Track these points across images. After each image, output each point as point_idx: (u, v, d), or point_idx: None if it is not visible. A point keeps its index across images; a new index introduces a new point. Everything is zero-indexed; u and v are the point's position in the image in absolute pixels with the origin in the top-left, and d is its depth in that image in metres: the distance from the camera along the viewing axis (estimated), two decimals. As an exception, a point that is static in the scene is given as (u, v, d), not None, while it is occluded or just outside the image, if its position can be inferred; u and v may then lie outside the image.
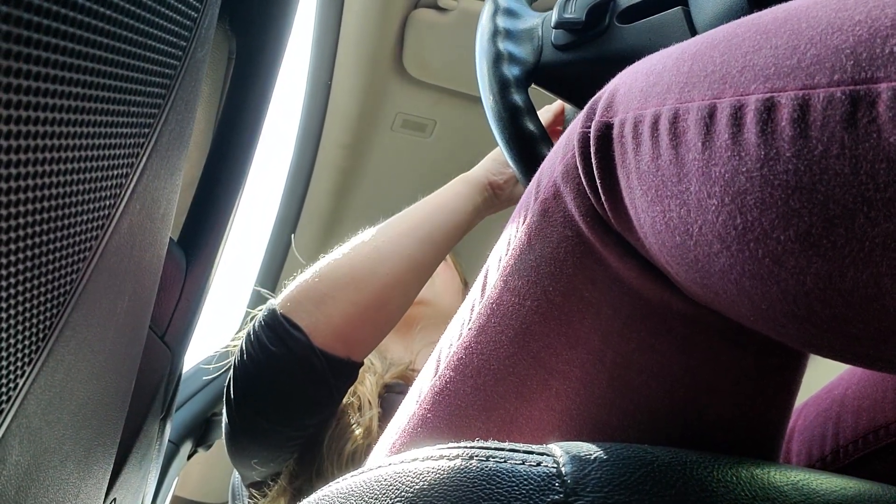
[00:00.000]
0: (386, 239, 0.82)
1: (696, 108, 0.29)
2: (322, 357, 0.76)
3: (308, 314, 0.77)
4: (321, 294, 0.78)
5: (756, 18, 0.30)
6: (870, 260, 0.24)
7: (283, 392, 0.78)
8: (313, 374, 0.76)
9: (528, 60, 0.62)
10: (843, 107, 0.24)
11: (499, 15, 0.65)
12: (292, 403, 0.78)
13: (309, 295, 0.78)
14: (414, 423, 0.46)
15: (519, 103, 0.62)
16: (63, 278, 0.30)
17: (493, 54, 0.63)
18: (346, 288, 0.78)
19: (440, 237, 0.84)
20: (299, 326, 0.76)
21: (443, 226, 0.85)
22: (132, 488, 0.69)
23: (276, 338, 0.77)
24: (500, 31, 0.64)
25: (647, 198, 0.32)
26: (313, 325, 0.76)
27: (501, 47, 0.63)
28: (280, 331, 0.77)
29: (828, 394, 0.64)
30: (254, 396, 0.78)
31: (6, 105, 0.22)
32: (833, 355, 0.30)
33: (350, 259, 0.80)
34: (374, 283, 0.78)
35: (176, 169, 0.45)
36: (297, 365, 0.76)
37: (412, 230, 0.83)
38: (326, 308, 0.77)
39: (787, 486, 0.30)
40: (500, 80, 0.62)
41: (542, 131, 0.63)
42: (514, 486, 0.29)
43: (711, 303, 0.33)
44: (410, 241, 0.82)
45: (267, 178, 1.60)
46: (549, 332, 0.39)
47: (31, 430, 0.31)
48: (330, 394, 0.79)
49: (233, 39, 0.79)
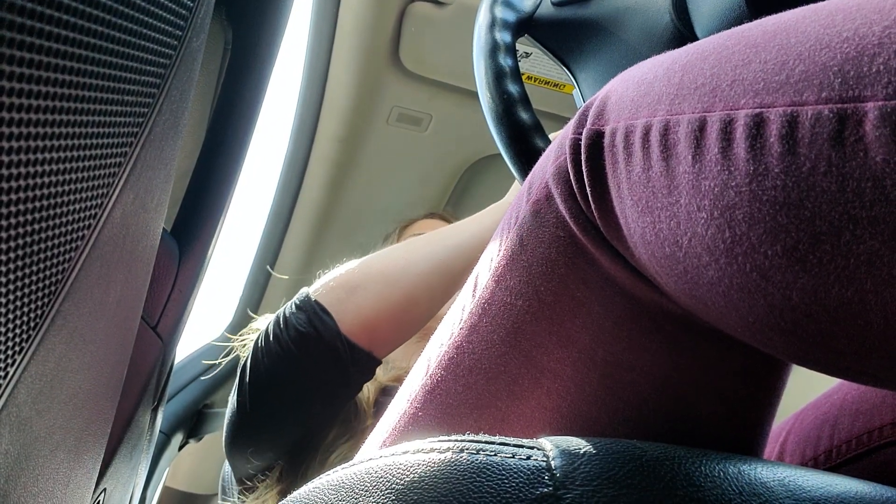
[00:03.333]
0: (420, 244, 0.88)
1: (686, 121, 0.29)
2: (346, 344, 0.80)
3: (339, 301, 0.82)
4: (354, 284, 0.83)
5: (746, 30, 0.30)
6: (855, 277, 0.24)
7: (305, 371, 0.81)
8: (336, 358, 0.80)
9: (525, 10, 0.63)
10: (831, 125, 0.24)
11: (497, 5, 0.65)
12: (310, 385, 0.82)
13: (342, 283, 0.83)
14: (405, 422, 0.46)
15: (512, 91, 0.62)
16: (54, 267, 0.30)
17: (489, 45, 0.63)
18: (377, 282, 0.83)
19: (471, 248, 0.88)
20: (329, 312, 0.81)
21: (473, 238, 0.89)
22: (122, 478, 0.69)
23: (306, 320, 0.81)
24: (498, 22, 0.64)
25: (637, 208, 0.32)
26: (343, 312, 0.81)
27: (497, 14, 0.64)
28: (311, 314, 0.82)
29: (826, 399, 0.64)
30: (275, 375, 0.82)
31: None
32: (819, 368, 0.30)
33: (385, 257, 0.86)
34: (404, 282, 0.83)
35: (170, 159, 0.44)
36: (323, 347, 0.80)
37: (444, 239, 0.88)
38: (357, 298, 0.82)
39: (773, 482, 0.30)
40: (501, 93, 0.62)
41: (534, 121, 0.63)
42: (503, 479, 0.30)
43: (700, 313, 0.33)
44: (442, 248, 0.87)
45: (262, 170, 1.60)
46: (541, 332, 0.39)
47: (21, 419, 0.31)
48: (347, 382, 0.83)
49: (229, 30, 0.79)
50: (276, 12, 0.81)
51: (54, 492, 0.40)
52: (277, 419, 0.84)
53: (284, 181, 1.58)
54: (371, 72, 1.36)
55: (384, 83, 1.40)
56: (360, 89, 1.40)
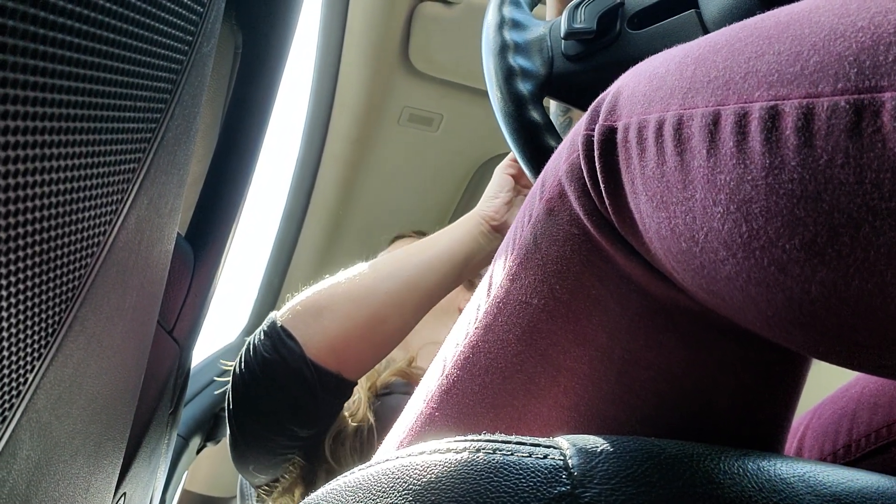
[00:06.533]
0: (387, 262, 0.87)
1: (700, 115, 0.29)
2: (313, 368, 0.80)
3: (305, 325, 0.81)
4: (319, 307, 0.82)
5: (759, 22, 0.29)
6: (875, 269, 0.24)
7: (274, 399, 0.82)
8: (303, 384, 0.80)
9: (540, 73, 0.62)
10: (848, 116, 0.23)
11: (505, 5, 0.65)
12: (282, 411, 0.82)
13: (307, 307, 0.83)
14: (421, 422, 0.46)
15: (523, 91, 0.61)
16: (71, 273, 0.31)
17: (498, 45, 0.62)
18: (343, 302, 0.82)
19: (439, 264, 0.87)
20: (294, 337, 0.81)
21: (442, 253, 0.88)
22: (142, 483, 0.70)
23: (271, 346, 0.81)
24: (507, 22, 0.63)
25: (651, 204, 0.32)
26: (308, 337, 0.81)
27: (506, 13, 0.63)
28: (276, 340, 0.81)
29: (844, 392, 0.63)
30: (249, 402, 0.83)
31: (13, 101, 0.22)
32: (839, 362, 0.30)
33: (351, 278, 0.85)
34: (370, 301, 0.82)
35: (183, 164, 0.45)
36: (289, 373, 0.80)
37: (413, 256, 0.87)
38: (323, 321, 0.81)
39: (793, 478, 0.30)
40: (512, 92, 0.61)
41: (546, 120, 0.62)
42: (521, 478, 0.30)
43: (718, 308, 0.33)
44: (410, 265, 0.86)
45: (274, 172, 1.60)
46: (557, 330, 0.39)
47: (41, 424, 0.32)
48: (317, 406, 0.82)
49: (239, 34, 0.79)
50: (285, 15, 0.81)
51: (75, 496, 0.40)
52: (262, 442, 0.85)
53: (297, 183, 1.59)
54: (381, 72, 1.37)
55: (394, 84, 1.40)
56: (371, 90, 1.40)
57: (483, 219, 0.92)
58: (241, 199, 0.83)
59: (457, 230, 0.91)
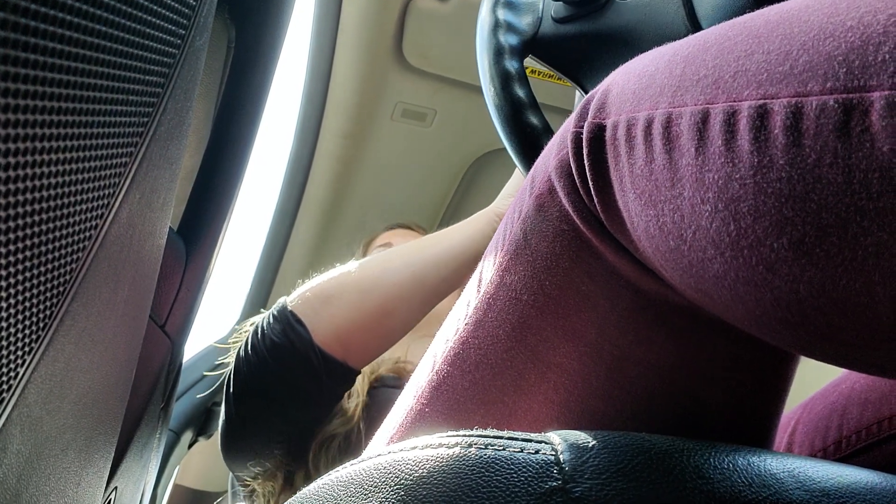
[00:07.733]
0: (396, 255, 0.88)
1: (689, 113, 0.29)
2: (319, 355, 0.81)
3: (314, 312, 0.83)
4: (328, 295, 0.84)
5: (749, 20, 0.30)
6: (863, 269, 0.24)
7: (279, 381, 0.83)
8: (309, 369, 0.81)
9: (527, 31, 0.63)
10: (836, 115, 0.23)
11: (499, 6, 0.65)
12: (286, 394, 0.84)
13: (317, 294, 0.84)
14: (412, 418, 0.46)
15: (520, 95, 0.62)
16: (62, 267, 0.31)
17: (493, 46, 0.63)
18: (352, 292, 0.83)
19: (449, 259, 0.87)
20: (303, 322, 0.82)
21: (451, 249, 0.88)
22: (133, 477, 0.69)
23: (280, 330, 0.83)
24: (501, 18, 0.64)
25: (640, 201, 0.32)
26: (316, 323, 0.82)
27: (500, 16, 0.63)
28: (286, 324, 0.83)
29: (835, 388, 0.64)
30: (254, 384, 0.84)
31: (3, 93, 0.22)
32: (827, 360, 0.30)
33: (361, 268, 0.86)
34: (378, 292, 0.83)
35: (175, 158, 0.44)
36: (296, 358, 0.81)
37: (422, 250, 0.88)
38: (331, 308, 0.83)
39: (783, 473, 0.30)
40: (497, 52, 0.62)
41: (544, 124, 0.63)
42: (512, 473, 0.30)
43: (706, 306, 0.33)
44: (418, 259, 0.87)
45: (267, 168, 1.60)
46: (547, 326, 0.39)
47: (31, 419, 0.32)
48: (321, 392, 0.84)
49: (232, 28, 0.79)
50: (278, 10, 0.81)
51: (66, 490, 0.40)
52: (260, 427, 0.86)
53: (289, 178, 1.58)
54: (375, 68, 1.36)
55: (388, 79, 1.40)
56: (364, 85, 1.40)
57: (497, 216, 0.92)
58: (233, 193, 0.83)
59: (469, 227, 0.91)
